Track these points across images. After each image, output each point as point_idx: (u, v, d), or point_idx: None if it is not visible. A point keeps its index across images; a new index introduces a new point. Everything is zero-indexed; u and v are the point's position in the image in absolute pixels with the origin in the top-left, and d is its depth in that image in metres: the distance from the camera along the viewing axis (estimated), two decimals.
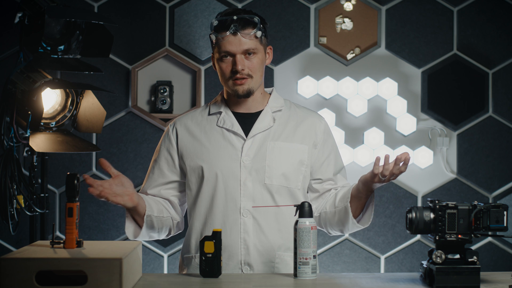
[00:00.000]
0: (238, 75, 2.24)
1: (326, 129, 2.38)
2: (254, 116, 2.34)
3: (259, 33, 2.25)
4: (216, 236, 2.01)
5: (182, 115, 2.42)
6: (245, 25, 2.24)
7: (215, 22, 2.25)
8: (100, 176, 3.64)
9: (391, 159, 2.34)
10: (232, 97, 2.33)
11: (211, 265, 2.00)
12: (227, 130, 2.32)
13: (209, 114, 2.37)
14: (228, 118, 2.33)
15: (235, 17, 2.23)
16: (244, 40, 2.23)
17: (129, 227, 2.26)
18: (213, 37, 2.26)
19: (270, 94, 2.40)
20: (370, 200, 2.24)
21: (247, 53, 2.24)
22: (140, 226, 2.26)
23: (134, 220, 2.27)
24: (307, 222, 1.99)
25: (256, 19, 2.25)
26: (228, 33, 2.23)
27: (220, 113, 2.35)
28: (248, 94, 2.28)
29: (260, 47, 2.27)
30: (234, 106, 2.35)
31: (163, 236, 2.36)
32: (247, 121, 2.33)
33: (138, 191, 2.34)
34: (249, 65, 2.25)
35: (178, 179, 2.37)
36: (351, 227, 2.28)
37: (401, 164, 2.06)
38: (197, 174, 2.30)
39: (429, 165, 3.71)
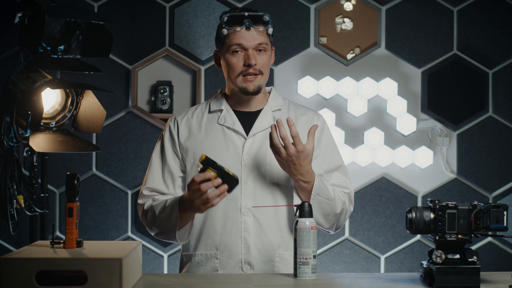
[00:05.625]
0: (250, 70, 2.25)
1: (321, 126, 2.37)
2: (254, 115, 2.34)
3: (270, 30, 2.28)
4: (206, 163, 2.03)
5: (181, 112, 2.41)
6: (257, 21, 2.26)
7: (226, 17, 2.26)
8: (100, 176, 3.64)
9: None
10: (234, 94, 2.33)
11: (224, 182, 2.04)
12: (228, 128, 2.31)
13: (209, 112, 2.37)
14: (229, 116, 2.33)
15: (246, 14, 2.25)
16: (257, 35, 2.25)
17: (186, 232, 2.27)
18: (225, 31, 2.26)
19: (269, 93, 2.40)
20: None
21: (258, 49, 2.26)
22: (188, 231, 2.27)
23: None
24: (307, 222, 1.99)
25: (267, 16, 2.28)
26: (241, 28, 2.24)
27: (221, 110, 2.35)
28: (258, 91, 2.29)
29: (269, 45, 2.30)
30: (235, 104, 2.35)
31: None
32: (247, 120, 2.33)
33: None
34: (260, 61, 2.26)
35: (183, 174, 2.36)
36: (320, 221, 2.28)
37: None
38: (197, 172, 2.29)
39: (429, 165, 3.71)
